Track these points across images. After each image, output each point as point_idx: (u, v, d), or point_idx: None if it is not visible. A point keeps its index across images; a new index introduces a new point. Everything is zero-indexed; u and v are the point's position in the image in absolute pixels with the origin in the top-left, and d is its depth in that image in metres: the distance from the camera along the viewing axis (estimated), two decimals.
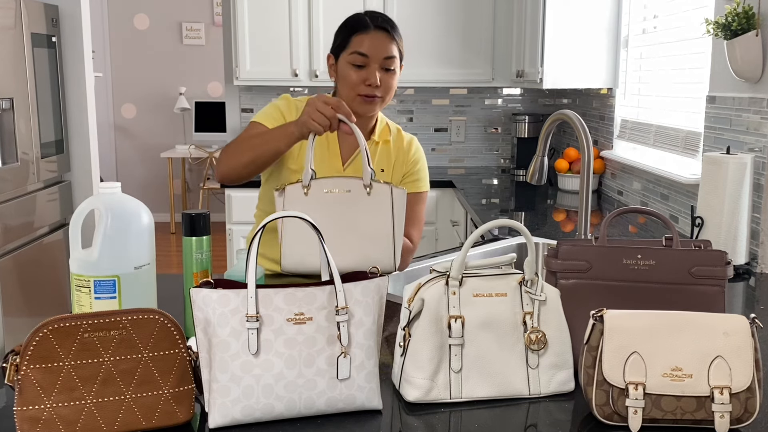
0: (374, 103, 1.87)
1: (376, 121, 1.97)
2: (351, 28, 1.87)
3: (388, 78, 1.86)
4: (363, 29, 1.85)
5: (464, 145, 4.57)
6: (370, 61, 1.83)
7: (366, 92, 1.84)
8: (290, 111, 1.91)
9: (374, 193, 1.65)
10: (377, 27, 1.85)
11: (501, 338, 1.20)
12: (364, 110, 1.88)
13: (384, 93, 1.87)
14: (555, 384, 1.22)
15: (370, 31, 1.84)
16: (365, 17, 1.88)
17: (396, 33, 1.88)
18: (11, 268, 3.50)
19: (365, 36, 1.84)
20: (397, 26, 1.91)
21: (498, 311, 1.20)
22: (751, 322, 1.11)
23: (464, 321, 1.18)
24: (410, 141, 2.03)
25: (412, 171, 2.00)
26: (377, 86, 1.84)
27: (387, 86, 1.86)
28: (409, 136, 2.04)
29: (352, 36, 1.85)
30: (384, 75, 1.85)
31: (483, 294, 1.20)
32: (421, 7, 4.08)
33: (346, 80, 1.86)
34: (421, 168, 2.02)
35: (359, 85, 1.84)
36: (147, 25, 7.51)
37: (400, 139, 2.01)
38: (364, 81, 1.84)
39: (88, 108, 4.17)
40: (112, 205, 1.30)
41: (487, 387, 1.19)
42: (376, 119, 1.98)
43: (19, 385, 1.01)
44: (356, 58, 1.84)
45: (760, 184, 2.12)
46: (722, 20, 2.11)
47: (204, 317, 1.08)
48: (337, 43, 1.90)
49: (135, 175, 7.66)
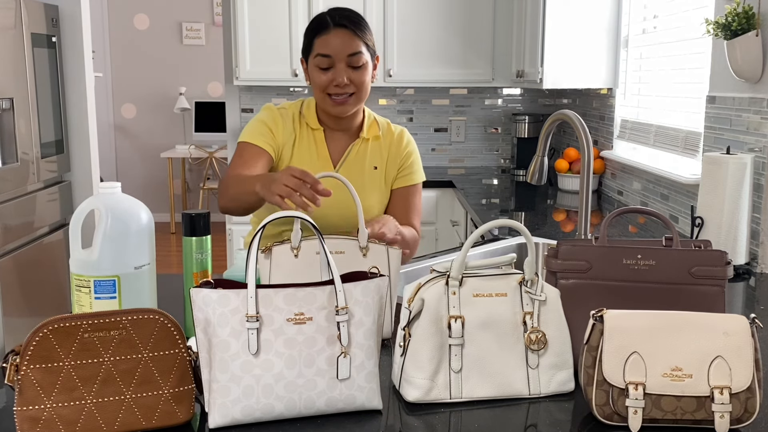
0: (346, 103, 1.83)
1: (363, 118, 1.95)
2: (313, 30, 1.84)
3: (358, 75, 1.81)
4: (324, 30, 1.81)
5: (464, 145, 4.57)
6: (335, 60, 1.80)
7: (335, 92, 1.81)
8: (275, 122, 1.88)
9: (370, 254, 1.53)
10: (337, 25, 1.81)
11: (501, 338, 1.20)
12: (338, 111, 1.85)
13: (356, 90, 1.82)
14: (555, 384, 1.22)
15: (330, 30, 1.80)
16: (326, 16, 1.84)
17: (359, 28, 1.83)
18: (11, 268, 3.50)
19: (327, 36, 1.80)
20: (362, 19, 1.86)
21: (498, 311, 1.20)
22: (751, 322, 1.11)
23: (464, 321, 1.18)
24: (401, 134, 1.99)
25: (405, 165, 1.98)
26: (346, 85, 1.80)
27: (358, 83, 1.82)
28: (399, 128, 2.01)
29: (315, 38, 1.82)
30: (352, 73, 1.81)
31: (483, 294, 1.20)
32: (421, 7, 4.08)
33: (315, 83, 1.83)
34: (415, 160, 2.00)
35: (328, 86, 1.81)
36: (147, 25, 7.51)
37: (390, 133, 1.98)
38: (332, 82, 1.80)
39: (88, 108, 4.17)
40: (112, 205, 1.30)
41: (488, 387, 1.19)
42: (363, 116, 1.95)
43: (19, 385, 1.01)
44: (321, 60, 1.80)
45: (760, 184, 2.12)
46: (722, 20, 2.11)
47: (204, 317, 1.08)
48: (303, 47, 1.88)
49: (135, 175, 7.66)
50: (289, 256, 1.48)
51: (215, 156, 7.01)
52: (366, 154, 1.94)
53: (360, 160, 1.93)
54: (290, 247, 1.48)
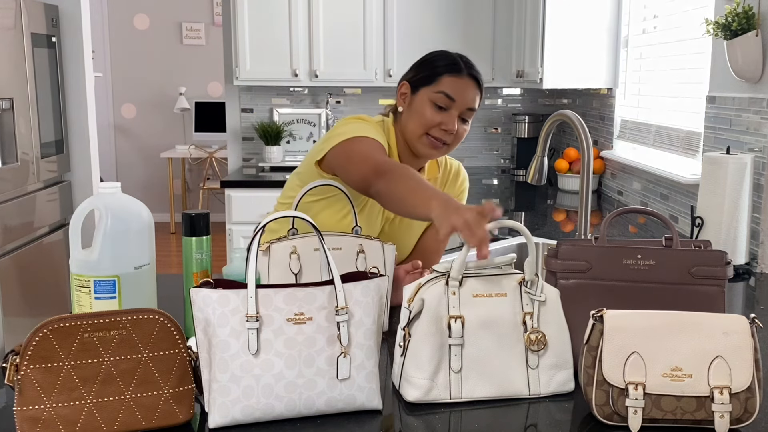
0: (440, 150, 1.76)
1: None
2: (442, 66, 1.76)
3: (462, 128, 1.76)
4: (456, 72, 1.74)
5: (464, 145, 4.57)
6: (454, 106, 1.73)
7: (438, 135, 1.73)
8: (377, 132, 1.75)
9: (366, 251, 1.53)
10: (470, 75, 1.75)
11: (501, 338, 1.20)
12: (428, 153, 1.77)
13: (453, 141, 1.76)
14: (555, 384, 1.22)
15: (462, 76, 1.74)
16: (459, 60, 1.77)
17: (483, 86, 1.78)
18: (11, 268, 3.50)
19: (459, 80, 1.73)
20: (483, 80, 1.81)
21: (498, 311, 1.20)
22: (751, 322, 1.11)
23: (464, 321, 1.18)
24: (457, 170, 1.94)
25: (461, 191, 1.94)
26: (451, 134, 1.74)
27: (458, 136, 1.76)
28: (456, 164, 1.95)
29: (443, 75, 1.74)
30: (460, 124, 1.75)
31: (483, 294, 1.20)
32: (421, 7, 4.08)
33: (422, 117, 1.74)
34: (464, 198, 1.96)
35: (434, 127, 1.73)
36: (147, 25, 7.51)
37: (447, 167, 1.92)
38: (441, 124, 1.72)
39: (88, 108, 4.17)
40: (112, 205, 1.30)
41: (487, 387, 1.19)
42: None
43: (19, 385, 1.01)
44: (441, 98, 1.72)
45: (760, 184, 2.12)
46: (722, 20, 2.11)
47: (204, 317, 1.08)
48: (422, 75, 1.78)
49: (135, 175, 7.66)
50: (288, 254, 1.49)
51: (215, 156, 7.01)
52: None
53: None
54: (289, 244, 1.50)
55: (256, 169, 4.37)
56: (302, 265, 1.49)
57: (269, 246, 1.50)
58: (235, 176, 4.17)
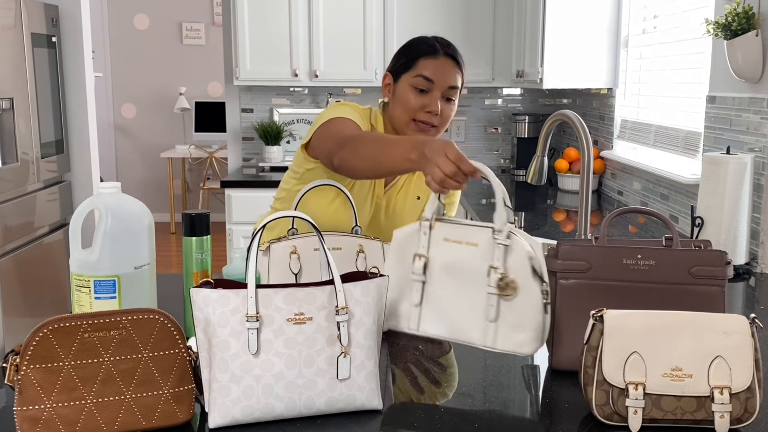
0: (430, 133, 1.77)
1: None
2: (418, 51, 1.78)
3: (448, 108, 1.77)
4: (431, 54, 1.76)
5: (464, 145, 4.57)
6: (434, 87, 1.74)
7: (424, 119, 1.75)
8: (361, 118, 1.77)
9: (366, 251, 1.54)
10: (446, 54, 1.77)
11: (463, 284, 1.24)
12: None
13: (441, 123, 1.77)
14: (511, 343, 1.21)
15: (438, 57, 1.76)
16: (434, 42, 1.79)
17: (463, 64, 1.80)
18: (11, 268, 3.50)
19: (433, 61, 1.75)
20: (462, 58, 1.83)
21: (464, 259, 1.24)
22: (751, 322, 1.11)
23: (428, 261, 1.26)
24: None
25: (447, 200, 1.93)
26: (436, 114, 1.75)
27: (445, 116, 1.77)
28: None
29: (419, 59, 1.76)
30: (444, 104, 1.76)
31: (452, 240, 1.26)
32: (421, 7, 4.08)
33: (405, 104, 1.76)
34: (457, 197, 1.97)
35: (418, 111, 1.75)
36: (147, 25, 7.51)
37: None
38: (424, 107, 1.74)
39: (88, 108, 4.17)
40: (112, 205, 1.30)
41: (441, 326, 1.26)
42: None
43: (19, 385, 1.01)
44: (420, 81, 1.74)
45: (760, 184, 2.12)
46: (722, 20, 2.11)
47: (204, 317, 1.08)
48: (400, 63, 1.80)
49: (135, 175, 7.66)
50: (288, 254, 1.50)
51: (215, 156, 7.01)
52: (412, 183, 1.90)
53: (406, 187, 1.90)
54: (289, 244, 1.50)
55: (256, 169, 4.37)
56: (302, 265, 1.50)
57: (269, 246, 1.50)
58: (235, 176, 4.17)
